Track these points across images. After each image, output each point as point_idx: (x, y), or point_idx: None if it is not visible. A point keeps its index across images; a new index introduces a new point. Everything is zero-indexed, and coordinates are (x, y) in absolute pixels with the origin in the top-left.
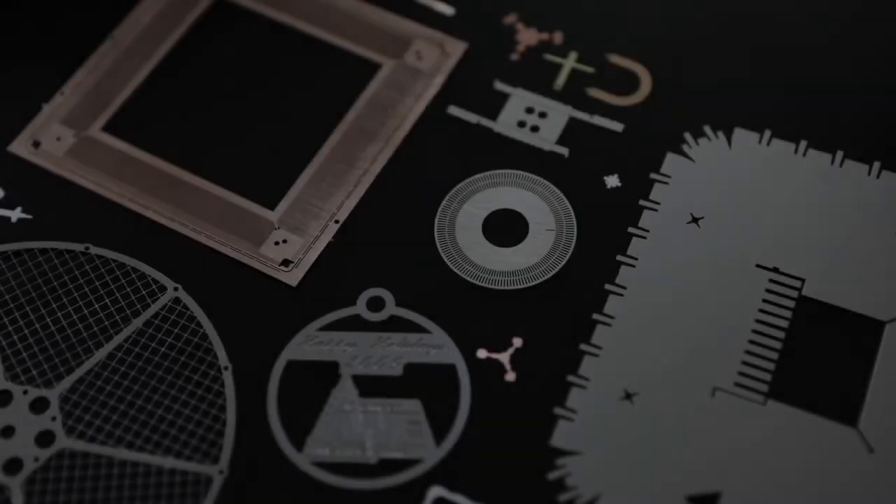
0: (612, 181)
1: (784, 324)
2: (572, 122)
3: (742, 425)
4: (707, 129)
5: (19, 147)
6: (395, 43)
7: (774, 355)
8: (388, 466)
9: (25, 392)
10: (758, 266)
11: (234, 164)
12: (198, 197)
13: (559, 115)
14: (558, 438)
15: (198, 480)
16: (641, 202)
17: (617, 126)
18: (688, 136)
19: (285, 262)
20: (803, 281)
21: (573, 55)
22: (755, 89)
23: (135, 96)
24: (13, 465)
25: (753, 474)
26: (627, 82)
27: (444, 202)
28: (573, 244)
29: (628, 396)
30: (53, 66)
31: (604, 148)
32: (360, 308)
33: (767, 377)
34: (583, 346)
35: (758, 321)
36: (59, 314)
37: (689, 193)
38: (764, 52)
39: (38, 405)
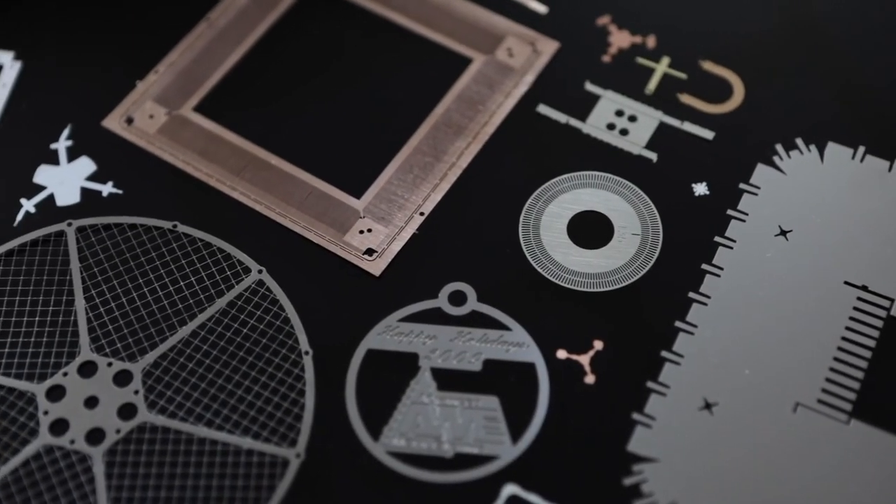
0: (701, 189)
1: (871, 343)
2: (662, 127)
3: (823, 443)
4: (799, 141)
5: (113, 123)
6: (487, 39)
7: (860, 374)
8: (464, 461)
9: (110, 364)
10: (846, 283)
11: (321, 151)
12: (285, 181)
13: (649, 119)
14: (635, 444)
15: (274, 462)
16: (729, 212)
17: (707, 133)
18: (779, 147)
19: (369, 252)
20: (892, 301)
21: (665, 60)
22: (850, 104)
23: (227, 78)
24: (95, 435)
25: (831, 494)
26: (720, 90)
27: (529, 200)
28: (658, 250)
29: (708, 406)
30: (149, 45)
31: (693, 155)
32: (441, 301)
33: (852, 396)
34: (664, 353)
35: (844, 339)
36: (145, 290)
37: (779, 206)
38: (859, 70)
39: (122, 378)
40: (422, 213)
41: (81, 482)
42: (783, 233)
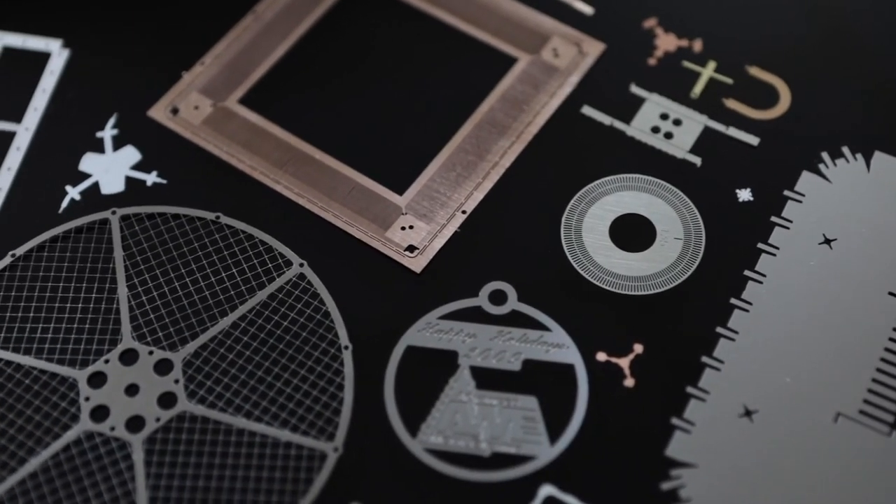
0: (745, 195)
1: None
2: (707, 131)
3: (864, 454)
4: (845, 149)
5: (158, 112)
6: (533, 38)
7: None
8: (501, 460)
9: (151, 353)
10: (890, 294)
11: (365, 147)
12: (328, 175)
13: (694, 123)
14: (674, 449)
15: (312, 456)
16: (773, 218)
17: (752, 139)
18: (825, 155)
19: (410, 248)
20: None
21: (712, 64)
22: None
23: (272, 71)
24: (135, 423)
25: None
26: (766, 96)
27: (572, 202)
28: (700, 255)
29: (748, 413)
30: (196, 36)
31: (738, 160)
32: (482, 300)
33: (894, 408)
34: (704, 359)
35: (887, 349)
36: (187, 279)
37: (824, 214)
38: None
39: (163, 367)
40: (464, 212)
41: (121, 469)
42: (827, 241)
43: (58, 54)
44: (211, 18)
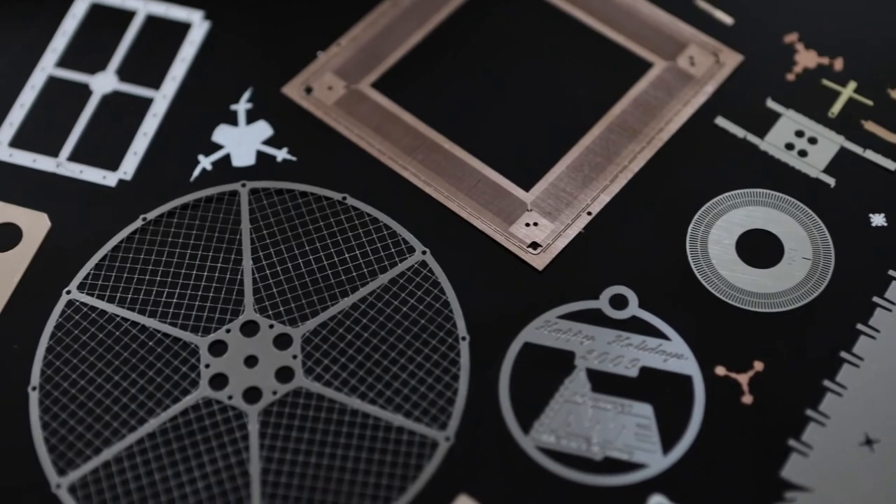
0: (878, 220)
1: None
2: (843, 152)
3: None
4: None
5: (292, 90)
6: (670, 45)
7: None
8: (612, 465)
9: (271, 326)
10: None
11: (493, 140)
12: (455, 166)
13: (830, 143)
14: (790, 471)
15: (423, 443)
16: None
17: (890, 164)
18: None
19: (534, 245)
20: None
21: (852, 84)
22: None
23: (407, 58)
24: (252, 394)
25: None
26: None
27: (700, 212)
28: (828, 277)
29: (868, 442)
30: (334, 18)
31: (873, 184)
32: (602, 303)
33: None
34: (826, 383)
35: None
36: (310, 257)
37: None
38: None
39: (282, 341)
40: (589, 213)
41: (236, 437)
42: None
43: (198, 25)
44: (349, 1)
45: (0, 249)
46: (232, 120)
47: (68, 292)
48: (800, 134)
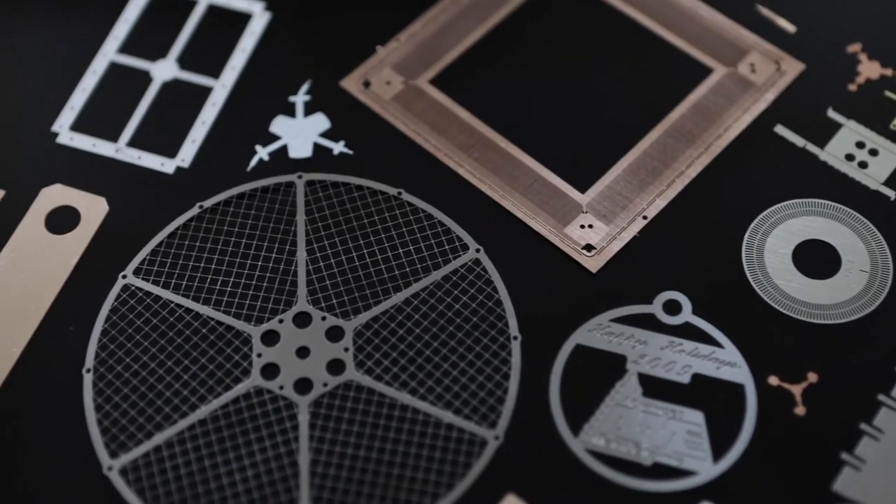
0: None
1: None
2: None
3: None
4: None
5: (350, 84)
6: (731, 51)
7: None
8: (661, 471)
9: (324, 318)
10: None
11: (550, 140)
12: (511, 165)
13: (891, 155)
14: (842, 484)
15: (472, 441)
16: None
17: None
18: None
19: (588, 247)
20: None
21: None
22: None
23: (465, 55)
24: (303, 385)
25: None
26: None
27: (756, 220)
28: (886, 290)
29: None
30: (394, 13)
31: None
32: (655, 308)
33: None
34: (881, 398)
35: None
36: (364, 251)
37: None
38: None
39: (334, 334)
40: (645, 217)
41: (286, 427)
42: None
43: (259, 16)
44: None
45: (58, 232)
46: (290, 111)
47: (124, 277)
48: (860, 145)
